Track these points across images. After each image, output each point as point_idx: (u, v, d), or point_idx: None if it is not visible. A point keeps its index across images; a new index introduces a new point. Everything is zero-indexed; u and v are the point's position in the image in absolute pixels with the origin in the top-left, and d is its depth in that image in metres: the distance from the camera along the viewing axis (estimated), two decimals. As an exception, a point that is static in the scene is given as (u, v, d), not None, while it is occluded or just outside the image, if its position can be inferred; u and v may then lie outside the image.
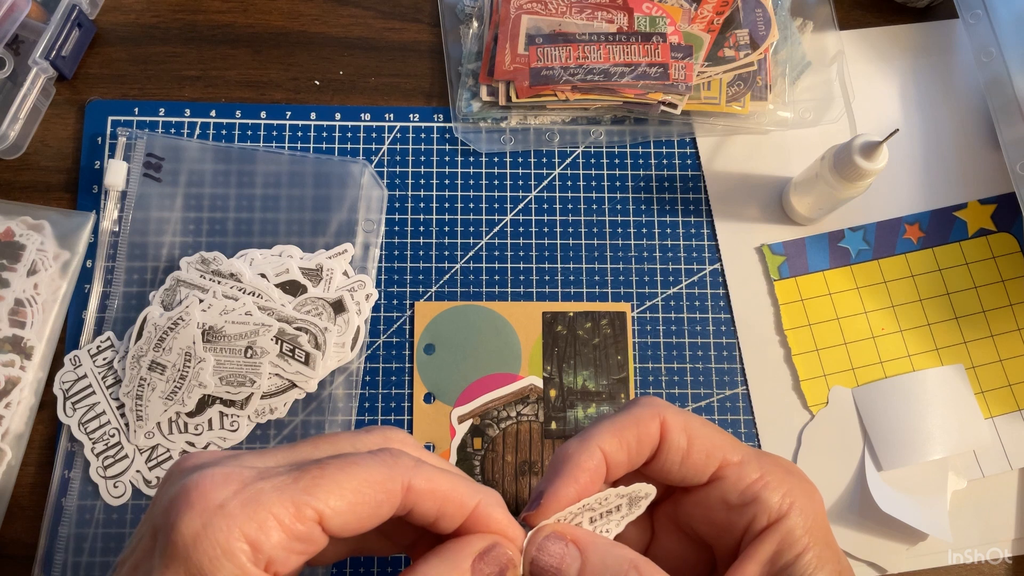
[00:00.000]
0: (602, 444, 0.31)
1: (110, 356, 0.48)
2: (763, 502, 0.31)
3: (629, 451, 0.32)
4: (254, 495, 0.26)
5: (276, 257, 0.50)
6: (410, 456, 0.29)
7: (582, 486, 0.31)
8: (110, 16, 0.55)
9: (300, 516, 0.26)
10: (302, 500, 0.26)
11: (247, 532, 0.25)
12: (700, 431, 0.32)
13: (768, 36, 0.53)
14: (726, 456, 0.32)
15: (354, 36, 0.55)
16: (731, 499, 0.32)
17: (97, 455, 0.46)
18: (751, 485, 0.31)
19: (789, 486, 0.32)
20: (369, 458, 0.28)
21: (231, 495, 0.25)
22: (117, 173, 0.50)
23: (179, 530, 0.25)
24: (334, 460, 0.27)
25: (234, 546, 0.25)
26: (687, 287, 0.52)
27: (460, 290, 0.51)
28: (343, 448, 0.29)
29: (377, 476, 0.27)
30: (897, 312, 0.52)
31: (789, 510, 0.31)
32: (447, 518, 0.29)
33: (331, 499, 0.26)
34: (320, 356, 0.47)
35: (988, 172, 0.54)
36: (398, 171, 0.53)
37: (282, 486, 0.26)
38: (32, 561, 0.45)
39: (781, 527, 0.31)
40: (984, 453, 0.49)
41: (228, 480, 0.26)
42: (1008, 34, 0.51)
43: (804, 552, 0.30)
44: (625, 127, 0.54)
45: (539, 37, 0.52)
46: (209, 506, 0.25)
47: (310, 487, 0.26)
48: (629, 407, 0.33)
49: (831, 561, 0.31)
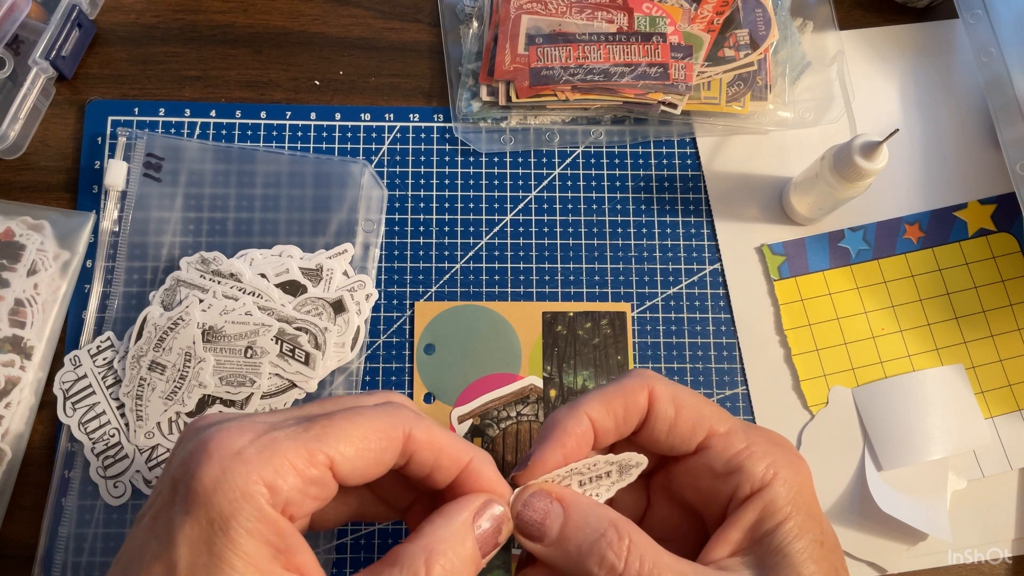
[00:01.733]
0: (589, 411, 0.33)
1: (110, 356, 0.48)
2: (747, 471, 0.32)
3: (616, 418, 0.33)
4: (269, 442, 0.27)
5: (276, 257, 0.50)
6: (410, 409, 0.31)
7: (569, 450, 0.33)
8: (110, 16, 0.55)
9: (313, 461, 0.28)
10: (314, 446, 0.28)
11: (264, 476, 0.26)
12: (688, 401, 0.34)
13: (768, 36, 0.53)
14: (713, 426, 0.33)
15: (354, 36, 0.55)
16: (717, 468, 0.33)
17: (97, 455, 0.46)
18: (736, 455, 0.33)
19: (774, 457, 0.33)
20: (374, 409, 0.30)
21: (247, 443, 0.27)
22: (117, 173, 0.50)
23: (199, 478, 0.26)
24: (342, 411, 0.29)
25: (253, 489, 0.26)
26: (687, 287, 0.52)
27: (460, 290, 0.51)
28: (348, 405, 0.31)
29: (381, 424, 0.29)
30: (897, 312, 0.52)
31: (772, 480, 0.32)
32: (442, 470, 0.31)
33: (340, 445, 0.28)
34: (320, 356, 0.48)
35: (988, 172, 0.54)
36: (398, 171, 0.53)
37: (295, 435, 0.28)
38: (32, 561, 0.45)
39: (764, 495, 0.32)
40: (984, 453, 0.49)
41: (243, 431, 0.28)
42: (1008, 34, 0.51)
43: (785, 520, 0.31)
44: (625, 127, 0.54)
45: (539, 37, 0.52)
46: (227, 454, 0.27)
47: (321, 435, 0.28)
48: (619, 378, 0.34)
49: (812, 530, 0.31)
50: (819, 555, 0.31)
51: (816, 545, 0.31)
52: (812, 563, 0.30)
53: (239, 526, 0.26)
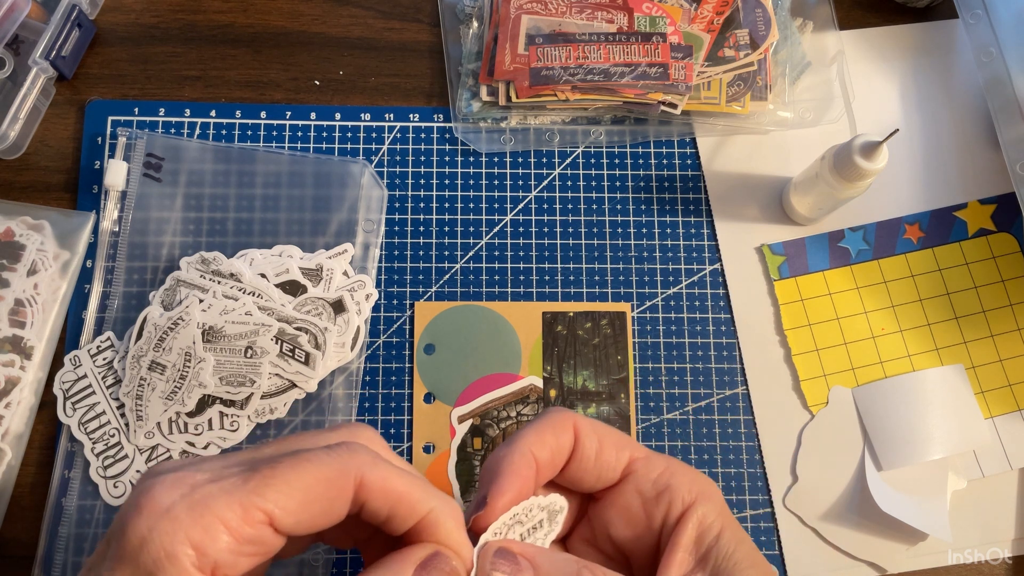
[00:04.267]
0: (531, 447, 0.33)
1: (110, 356, 0.48)
2: (675, 489, 0.33)
3: (552, 453, 0.33)
4: (201, 499, 0.25)
5: (276, 257, 0.50)
6: (368, 451, 0.29)
7: (521, 485, 0.32)
8: (110, 16, 0.55)
9: (248, 518, 0.26)
10: (250, 501, 0.26)
11: (192, 536, 0.25)
12: (607, 432, 0.34)
13: (768, 36, 0.53)
14: (633, 452, 0.34)
15: (354, 36, 0.55)
16: (645, 490, 0.33)
17: (97, 455, 0.46)
18: (661, 475, 0.33)
19: (692, 476, 0.34)
20: (322, 454, 0.28)
21: (178, 499, 0.25)
22: (117, 173, 0.50)
23: (127, 534, 0.25)
24: (287, 458, 0.27)
25: (178, 550, 0.25)
26: (687, 287, 0.52)
27: (460, 290, 0.51)
28: (306, 445, 0.29)
29: (329, 472, 0.27)
30: (897, 312, 0.52)
31: (698, 496, 0.33)
32: (398, 519, 0.29)
33: (281, 498, 0.26)
34: (320, 356, 0.47)
35: (988, 172, 0.54)
36: (398, 171, 0.53)
37: (231, 488, 0.26)
38: (32, 561, 0.45)
39: (696, 511, 0.32)
40: (984, 453, 0.49)
41: (177, 485, 0.26)
42: (1008, 34, 0.51)
43: (723, 531, 0.32)
44: (625, 127, 0.54)
45: (539, 37, 0.52)
46: (156, 511, 0.25)
47: (259, 487, 0.26)
48: (543, 415, 0.35)
49: (746, 540, 0.32)
50: (758, 560, 0.32)
51: (753, 551, 0.32)
52: (755, 568, 0.31)
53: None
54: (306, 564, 0.46)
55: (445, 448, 0.48)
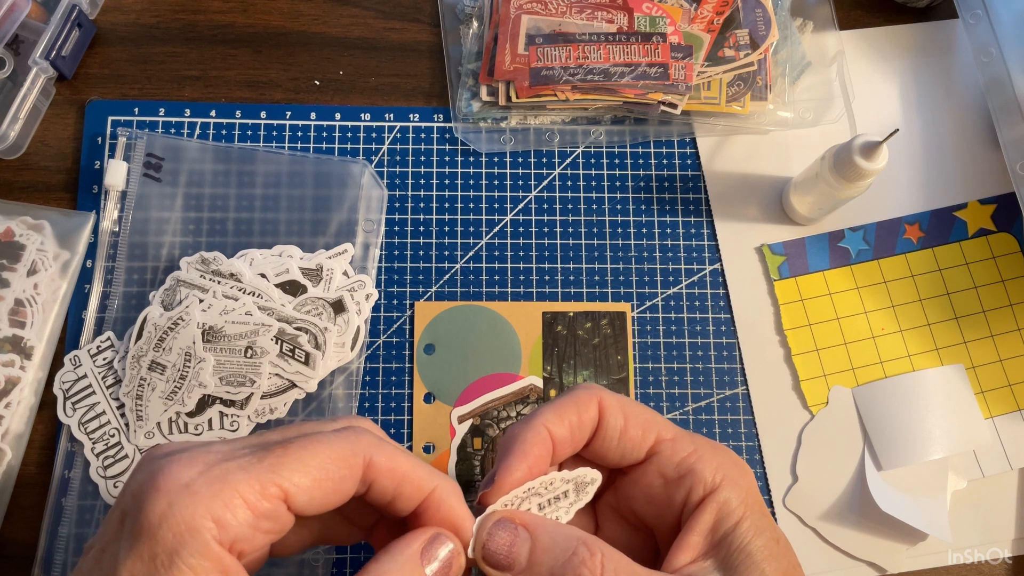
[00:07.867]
0: (546, 423, 0.33)
1: (110, 356, 0.48)
2: (698, 474, 0.32)
3: (572, 429, 0.33)
4: (220, 475, 0.26)
5: (276, 257, 0.50)
6: (372, 434, 0.30)
7: (532, 463, 0.32)
8: (110, 16, 0.55)
9: (265, 494, 0.26)
10: (267, 478, 0.27)
11: (212, 510, 0.25)
12: (634, 409, 0.34)
13: (768, 36, 0.53)
14: (660, 432, 0.34)
15: (354, 36, 0.55)
16: (668, 472, 0.33)
17: (97, 455, 0.46)
18: (685, 458, 0.33)
19: (720, 460, 0.33)
20: (332, 435, 0.29)
21: (197, 475, 0.26)
22: (117, 173, 0.50)
23: (145, 511, 0.25)
24: (298, 439, 0.28)
25: (199, 523, 0.25)
26: (687, 287, 0.52)
27: (460, 290, 0.51)
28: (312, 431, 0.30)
29: (340, 452, 0.28)
30: (897, 312, 0.52)
31: (723, 482, 0.32)
32: (404, 498, 0.30)
33: (295, 476, 0.27)
34: (320, 356, 0.47)
35: (988, 172, 0.54)
36: (398, 171, 0.53)
37: (247, 465, 0.27)
38: (32, 561, 0.45)
39: (718, 497, 0.32)
40: (984, 453, 0.49)
41: (193, 462, 0.27)
42: (1008, 34, 0.51)
43: (742, 520, 0.32)
44: (625, 127, 0.54)
45: (539, 37, 0.52)
46: (175, 487, 0.26)
47: (275, 465, 0.27)
48: (569, 391, 0.34)
49: (768, 529, 0.32)
50: (778, 552, 0.31)
51: (773, 543, 0.32)
52: (773, 560, 0.31)
53: (182, 562, 0.25)
54: (306, 564, 0.46)
55: (445, 448, 0.48)
